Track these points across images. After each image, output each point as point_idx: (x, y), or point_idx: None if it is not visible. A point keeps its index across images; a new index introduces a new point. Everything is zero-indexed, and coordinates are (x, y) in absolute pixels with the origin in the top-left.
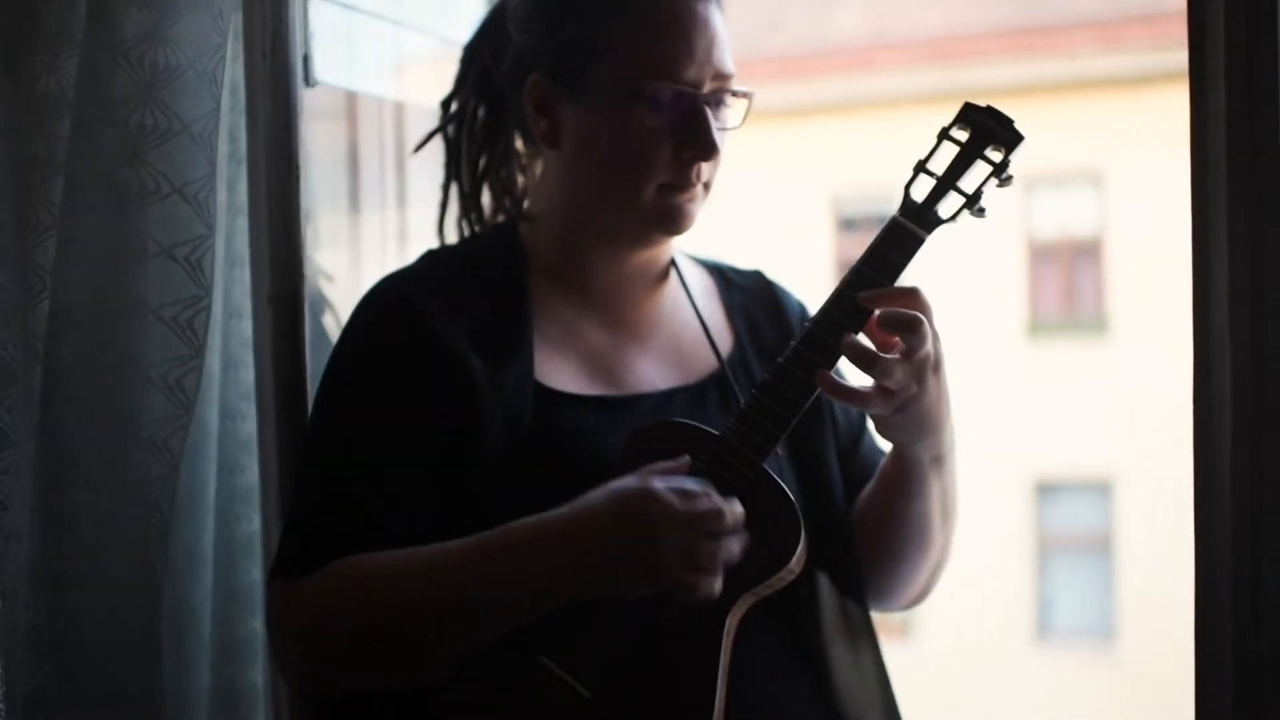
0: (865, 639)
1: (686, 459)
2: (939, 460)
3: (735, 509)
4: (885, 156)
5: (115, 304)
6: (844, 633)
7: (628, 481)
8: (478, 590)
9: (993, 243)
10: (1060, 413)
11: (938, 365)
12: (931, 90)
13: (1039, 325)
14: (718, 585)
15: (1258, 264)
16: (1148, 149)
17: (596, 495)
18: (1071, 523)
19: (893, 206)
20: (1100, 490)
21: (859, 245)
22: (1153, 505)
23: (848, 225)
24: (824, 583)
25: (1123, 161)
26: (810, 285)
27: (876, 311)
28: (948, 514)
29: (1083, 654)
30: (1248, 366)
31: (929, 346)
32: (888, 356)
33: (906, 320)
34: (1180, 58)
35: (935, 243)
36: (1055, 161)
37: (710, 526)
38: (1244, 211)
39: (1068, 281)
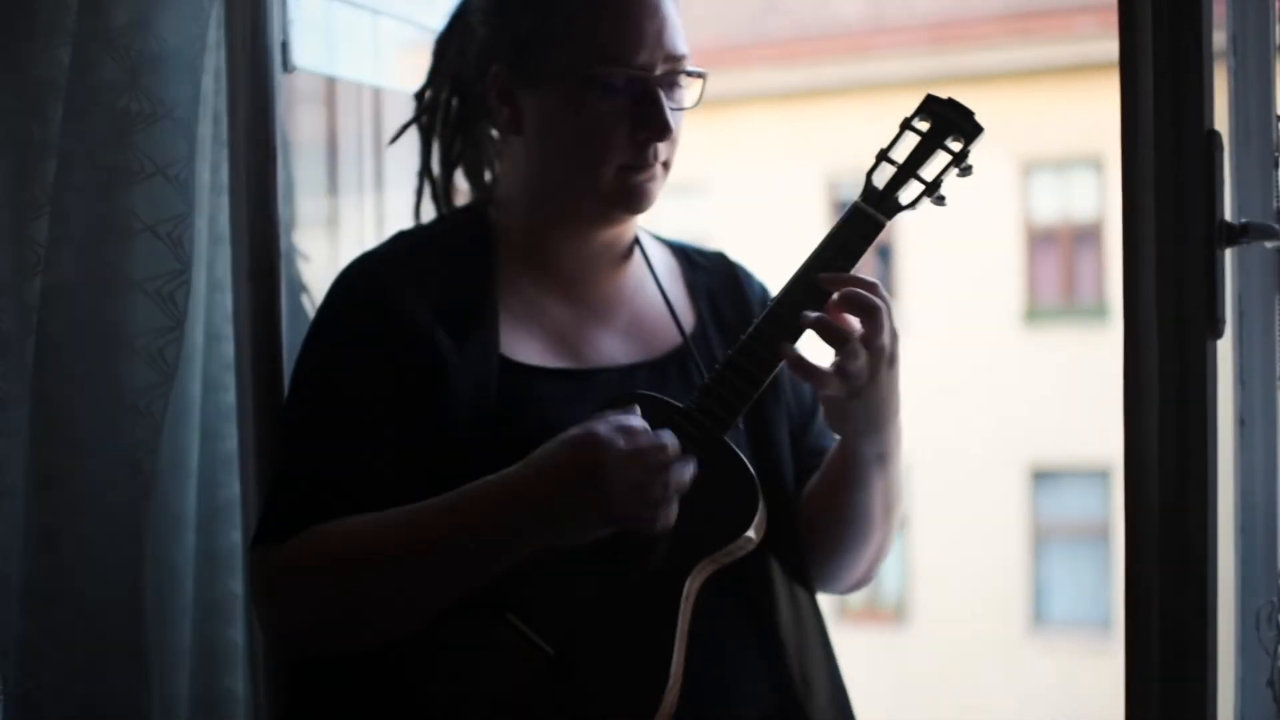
0: (811, 614)
1: (635, 405)
2: (883, 458)
3: (672, 438)
4: (882, 140)
5: (103, 278)
6: (792, 606)
7: (574, 429)
8: (444, 545)
9: (990, 227)
10: (1058, 400)
11: (892, 360)
12: (930, 74)
13: (1037, 311)
14: (672, 514)
15: (1181, 241)
16: None
17: (547, 446)
18: (1069, 511)
19: None
20: (1099, 478)
21: None
22: None
23: (844, 208)
24: (774, 558)
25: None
26: None
27: (835, 295)
28: (889, 509)
29: (1079, 643)
30: (1173, 344)
31: (886, 336)
32: (855, 335)
33: (867, 303)
34: None
35: (933, 226)
36: (1055, 145)
37: (655, 458)
38: (1169, 195)
39: (1067, 267)
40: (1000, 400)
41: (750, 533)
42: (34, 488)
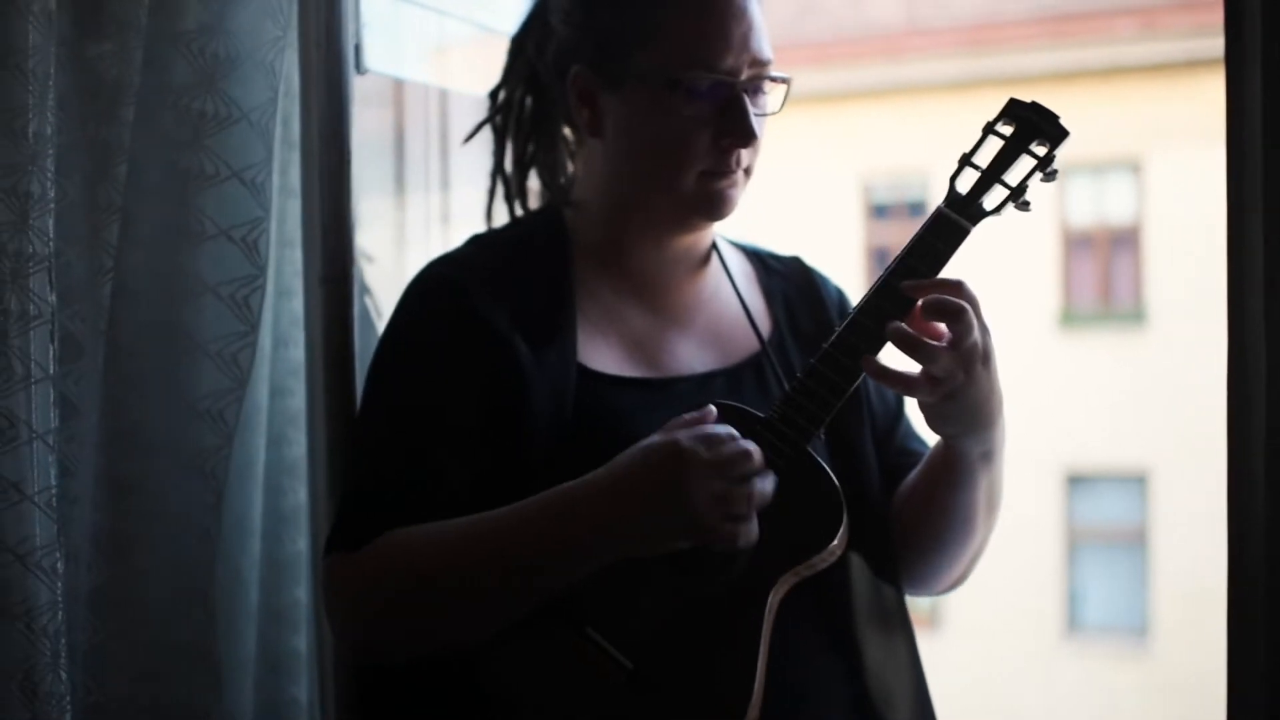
0: (898, 623)
1: (711, 408)
2: (988, 455)
3: (756, 449)
4: (917, 143)
5: (175, 282)
6: (876, 617)
7: (654, 437)
8: (520, 552)
9: (1026, 230)
10: (1094, 404)
11: (987, 358)
12: (965, 77)
13: (1073, 315)
14: (754, 529)
15: None
16: (1187, 136)
17: (627, 453)
18: (1103, 515)
19: (923, 193)
20: (1135, 483)
21: (889, 231)
22: (1190, 499)
23: (878, 211)
24: (857, 566)
25: (1162, 149)
26: (841, 271)
27: (919, 301)
28: (992, 507)
29: (1114, 649)
30: None
31: (975, 336)
32: (932, 343)
33: (951, 308)
34: (1220, 44)
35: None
36: (1092, 149)
37: (738, 469)
38: (1277, 196)
39: (1104, 271)
40: (1035, 404)
41: (835, 544)
42: (106, 493)
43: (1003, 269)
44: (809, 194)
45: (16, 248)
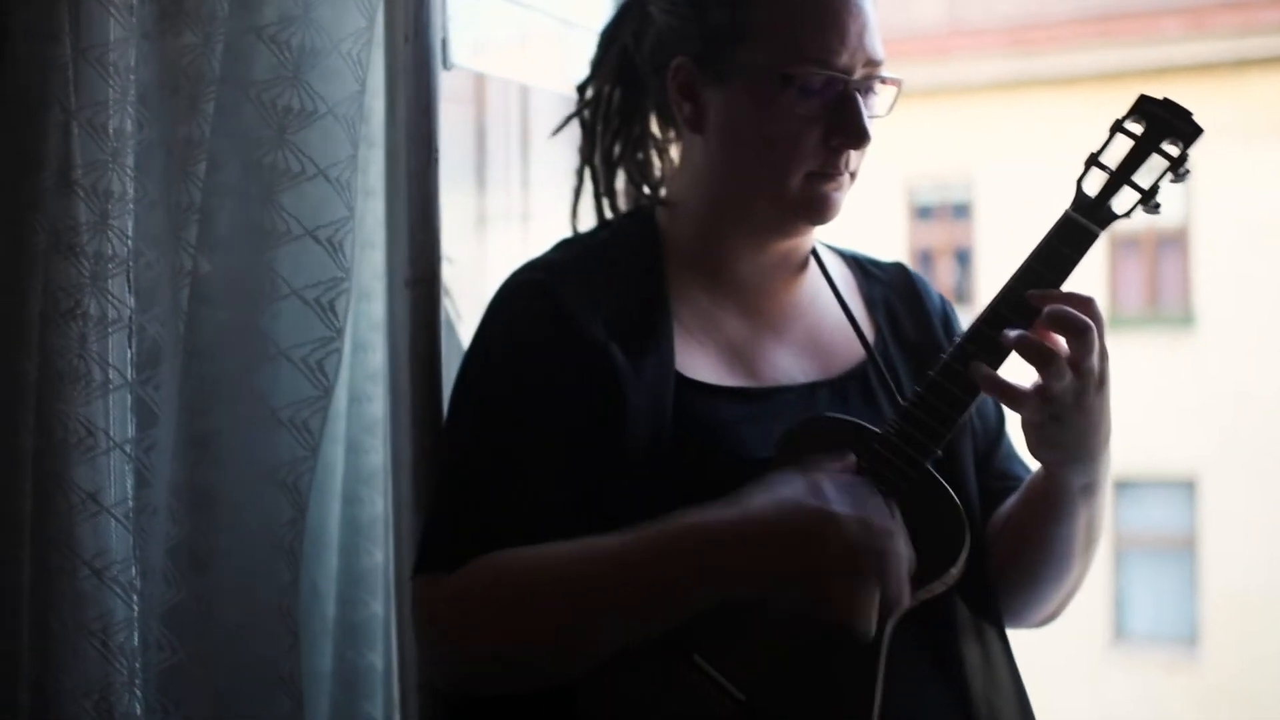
0: (1000, 653)
1: (852, 459)
2: (1090, 489)
3: (910, 552)
4: (961, 144)
5: (256, 284)
6: (977, 638)
7: (803, 492)
8: (633, 589)
9: None
10: (1140, 408)
11: (1102, 383)
12: (1009, 77)
13: (1119, 318)
14: (874, 625)
15: None
16: (1236, 137)
17: (768, 501)
18: (1151, 521)
19: (967, 194)
20: (1184, 488)
21: (933, 233)
22: (1239, 505)
23: (922, 213)
24: (960, 594)
25: (1210, 149)
26: None
27: (1045, 310)
28: (1090, 542)
29: (1162, 658)
30: None
31: (1094, 359)
32: (1062, 356)
33: (1078, 324)
34: (1269, 43)
35: (1012, 231)
36: None
37: (889, 571)
38: None
39: (1150, 273)
40: None
41: (955, 570)
42: (183, 505)
43: None
44: (852, 194)
45: (96, 248)
